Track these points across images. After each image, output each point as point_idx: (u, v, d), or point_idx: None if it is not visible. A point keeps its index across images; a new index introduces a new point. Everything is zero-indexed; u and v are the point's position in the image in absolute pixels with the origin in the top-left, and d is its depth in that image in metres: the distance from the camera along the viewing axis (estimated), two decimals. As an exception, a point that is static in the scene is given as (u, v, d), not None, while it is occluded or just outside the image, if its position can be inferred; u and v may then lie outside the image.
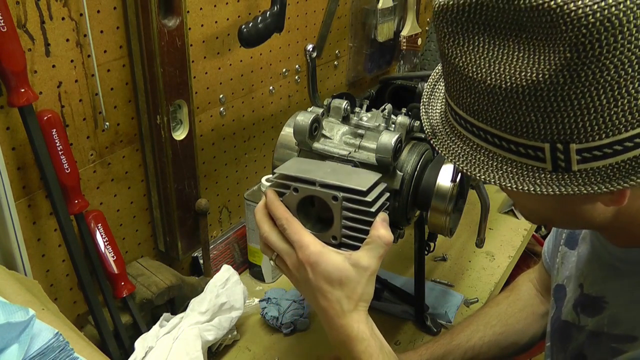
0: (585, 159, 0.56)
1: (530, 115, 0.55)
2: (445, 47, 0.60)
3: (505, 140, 0.59)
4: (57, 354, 0.71)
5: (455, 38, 0.58)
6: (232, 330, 1.12)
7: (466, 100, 0.60)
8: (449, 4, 0.56)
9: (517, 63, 0.54)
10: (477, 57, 0.57)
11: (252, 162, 1.38)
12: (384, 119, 0.92)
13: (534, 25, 0.52)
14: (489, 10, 0.54)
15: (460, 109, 0.62)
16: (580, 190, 0.57)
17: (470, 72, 0.57)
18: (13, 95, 0.85)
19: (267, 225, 0.80)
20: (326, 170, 0.82)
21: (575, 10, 0.48)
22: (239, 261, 1.35)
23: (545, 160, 0.57)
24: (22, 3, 0.85)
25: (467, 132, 0.63)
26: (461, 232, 1.38)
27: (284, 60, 1.37)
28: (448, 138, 0.66)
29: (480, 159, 0.61)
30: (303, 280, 0.78)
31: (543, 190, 0.58)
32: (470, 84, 0.58)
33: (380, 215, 0.78)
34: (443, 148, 0.66)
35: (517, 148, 0.58)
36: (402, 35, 1.65)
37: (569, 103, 0.53)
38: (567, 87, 0.52)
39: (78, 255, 0.97)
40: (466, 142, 0.63)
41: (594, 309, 0.80)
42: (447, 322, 1.19)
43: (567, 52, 0.51)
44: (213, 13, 1.15)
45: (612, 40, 0.49)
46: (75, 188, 0.96)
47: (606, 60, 0.50)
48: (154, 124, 1.06)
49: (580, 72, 0.51)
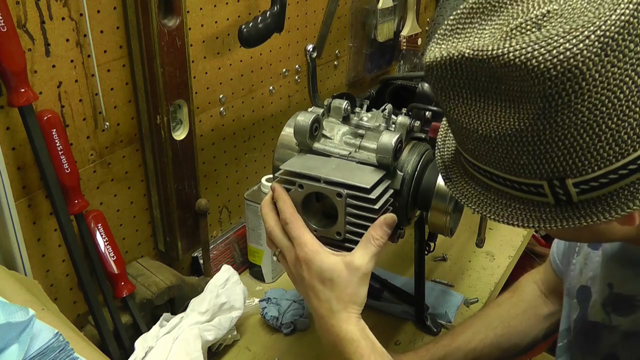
0: (584, 191, 0.58)
1: (522, 158, 0.58)
2: (440, 101, 0.63)
3: (508, 180, 0.61)
4: (57, 354, 0.71)
5: (446, 93, 0.61)
6: (232, 330, 1.12)
7: (468, 147, 0.63)
8: (433, 64, 0.60)
9: (500, 113, 0.57)
10: (466, 109, 0.60)
11: (252, 162, 1.38)
12: (384, 119, 0.92)
13: (508, 79, 0.55)
14: (468, 68, 0.57)
15: (465, 153, 0.66)
16: (586, 220, 0.58)
17: (464, 122, 0.61)
18: (13, 95, 0.85)
19: (272, 219, 0.82)
20: (331, 166, 0.83)
21: (537, 65, 0.51)
22: (239, 261, 1.35)
23: (547, 195, 0.60)
24: (22, 3, 0.85)
25: (476, 173, 0.66)
26: (461, 232, 1.38)
27: (284, 60, 1.37)
28: (462, 179, 0.69)
29: (491, 197, 0.64)
30: (299, 278, 0.79)
31: (548, 225, 0.60)
32: (466, 133, 0.62)
33: (386, 217, 0.78)
34: (457, 191, 0.68)
35: (520, 186, 0.61)
36: (402, 35, 1.65)
37: (553, 145, 0.55)
38: (548, 131, 0.55)
39: (78, 255, 0.97)
40: (478, 182, 0.66)
41: (627, 309, 0.80)
42: (447, 322, 1.19)
43: (539, 103, 0.53)
44: (213, 13, 1.15)
45: (577, 88, 0.52)
46: (75, 188, 0.96)
47: (577, 105, 0.52)
48: (154, 124, 1.06)
49: (556, 118, 0.53)
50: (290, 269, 0.82)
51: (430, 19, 1.84)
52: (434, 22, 1.23)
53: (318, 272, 0.77)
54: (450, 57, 0.58)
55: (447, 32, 0.61)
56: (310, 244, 0.78)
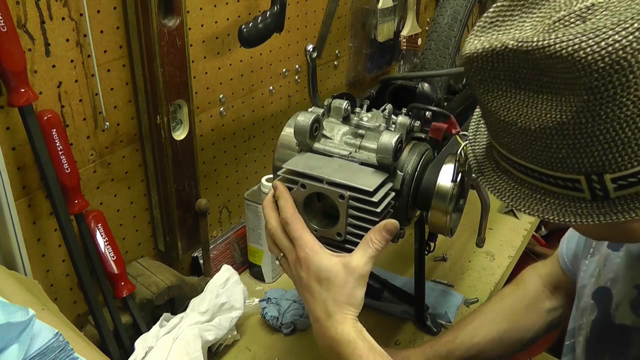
0: (622, 187, 0.58)
1: (561, 151, 0.58)
2: (478, 93, 0.63)
3: (544, 174, 0.61)
4: (57, 354, 0.71)
5: (485, 85, 0.61)
6: (232, 330, 1.12)
7: (504, 140, 0.63)
8: (474, 56, 0.60)
9: (541, 105, 0.57)
10: (505, 102, 0.60)
11: (252, 162, 1.38)
12: (385, 119, 0.92)
13: (552, 71, 0.55)
14: (510, 60, 0.57)
15: (499, 147, 0.66)
16: (623, 216, 0.59)
17: (502, 115, 0.61)
18: (13, 95, 0.85)
19: (274, 220, 0.82)
20: (333, 167, 0.83)
21: (585, 57, 0.52)
22: (239, 261, 1.35)
23: (583, 191, 0.60)
24: (22, 3, 0.85)
25: (510, 167, 0.66)
26: (461, 232, 1.37)
27: (284, 60, 1.37)
28: (494, 173, 0.69)
29: (524, 192, 0.64)
30: (298, 278, 0.79)
31: (584, 220, 0.60)
32: (504, 126, 0.62)
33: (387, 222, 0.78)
34: (490, 185, 0.68)
35: (555, 181, 0.61)
36: (402, 35, 1.65)
37: (595, 139, 0.55)
38: (591, 125, 0.55)
39: (78, 255, 0.97)
40: (511, 177, 0.66)
41: None
42: (447, 322, 1.19)
43: (584, 95, 0.53)
44: (213, 13, 1.15)
45: (625, 80, 0.52)
46: (75, 188, 0.96)
47: (622, 98, 0.53)
48: (154, 124, 1.06)
49: (600, 112, 0.54)
50: (291, 271, 0.81)
51: (430, 19, 1.84)
52: (434, 22, 1.23)
53: (316, 271, 0.77)
54: (492, 49, 0.58)
55: (486, 25, 0.61)
56: (310, 244, 0.78)
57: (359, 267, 0.77)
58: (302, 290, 0.80)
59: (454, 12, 1.21)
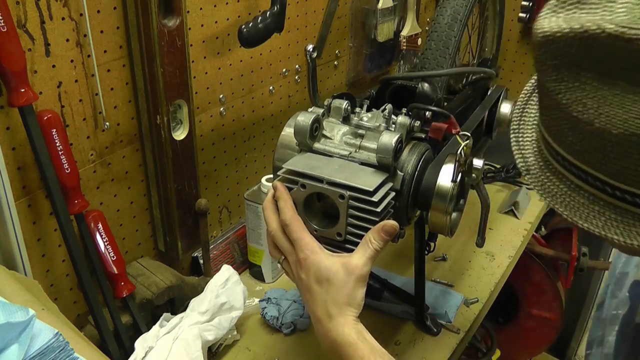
0: None
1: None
2: (547, 81, 0.54)
3: (609, 185, 0.53)
4: (57, 354, 0.71)
5: (560, 72, 0.52)
6: (232, 330, 1.12)
7: (567, 139, 0.55)
8: (556, 35, 0.50)
9: (631, 107, 0.48)
10: (584, 96, 0.51)
11: (252, 162, 1.38)
12: (385, 119, 0.92)
13: None
14: (603, 47, 0.48)
15: (558, 146, 0.57)
16: None
17: (575, 111, 0.52)
18: (13, 95, 0.85)
19: (275, 222, 0.82)
20: (333, 167, 0.83)
21: None
22: (239, 261, 1.35)
23: None
24: (22, 3, 0.85)
25: (565, 170, 0.57)
26: (461, 232, 1.37)
27: (284, 60, 1.37)
28: (542, 173, 0.60)
29: (580, 201, 0.56)
30: (299, 280, 0.79)
31: None
32: (573, 124, 0.53)
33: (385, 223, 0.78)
34: (538, 186, 0.60)
35: (623, 195, 0.53)
36: (402, 35, 1.65)
37: None
38: None
39: (78, 255, 0.97)
40: (563, 181, 0.57)
41: None
42: (447, 322, 1.19)
43: None
44: (213, 13, 1.15)
45: None
46: (75, 188, 0.96)
47: None
48: (154, 124, 1.06)
49: None
50: (292, 273, 0.81)
51: (430, 19, 1.84)
52: (434, 22, 1.23)
53: (315, 272, 0.77)
54: (583, 31, 0.47)
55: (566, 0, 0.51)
56: (310, 245, 0.78)
57: (358, 268, 0.76)
58: (303, 291, 0.80)
59: (454, 12, 1.21)
